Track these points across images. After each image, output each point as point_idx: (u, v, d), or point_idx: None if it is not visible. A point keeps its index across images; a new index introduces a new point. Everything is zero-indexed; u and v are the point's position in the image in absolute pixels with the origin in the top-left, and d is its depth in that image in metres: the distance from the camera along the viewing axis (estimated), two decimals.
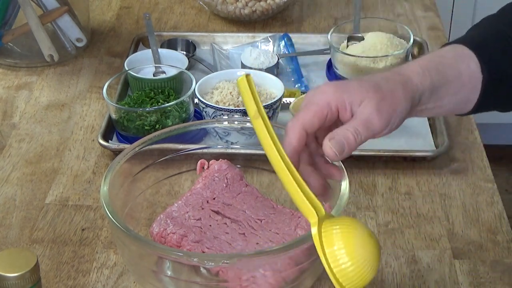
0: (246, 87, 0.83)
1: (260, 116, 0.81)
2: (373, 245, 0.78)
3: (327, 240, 0.77)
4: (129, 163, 1.04)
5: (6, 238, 1.12)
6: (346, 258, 0.76)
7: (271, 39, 1.54)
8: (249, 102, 0.82)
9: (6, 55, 1.54)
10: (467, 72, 0.89)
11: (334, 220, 0.79)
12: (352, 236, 0.77)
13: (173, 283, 0.95)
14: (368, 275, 0.77)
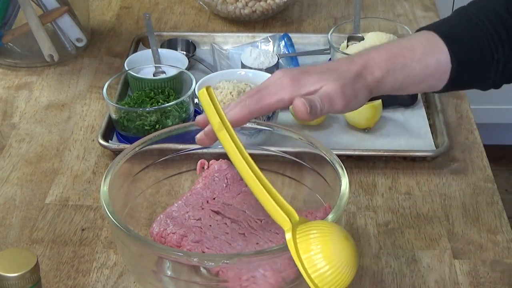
0: (207, 99, 0.83)
1: (225, 128, 0.81)
2: (350, 248, 0.77)
3: (303, 246, 0.76)
4: (129, 163, 1.04)
5: (6, 238, 1.12)
6: (323, 262, 0.76)
7: (271, 39, 1.54)
8: (212, 114, 0.82)
9: (6, 55, 1.54)
10: (435, 65, 0.92)
11: (309, 224, 0.78)
12: (329, 240, 0.77)
13: (173, 283, 0.95)
14: (347, 279, 0.77)
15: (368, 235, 1.11)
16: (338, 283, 0.76)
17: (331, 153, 1.02)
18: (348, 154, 1.23)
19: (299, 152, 1.09)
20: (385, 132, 1.31)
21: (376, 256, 1.08)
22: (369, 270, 1.05)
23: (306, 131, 1.28)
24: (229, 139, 0.80)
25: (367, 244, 1.10)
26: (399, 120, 1.34)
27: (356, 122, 1.30)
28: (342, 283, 0.77)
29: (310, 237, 0.77)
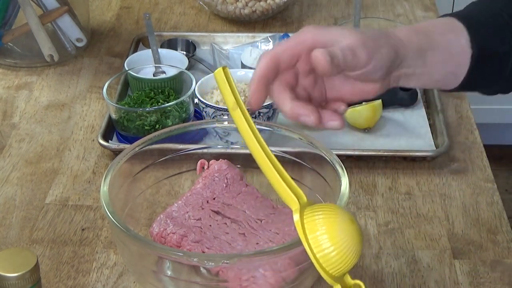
0: (223, 79, 0.83)
1: (239, 107, 0.81)
2: (355, 230, 0.79)
3: (310, 227, 0.78)
4: (129, 163, 1.04)
5: (6, 238, 1.12)
6: (328, 243, 0.77)
7: (271, 39, 1.54)
8: (227, 94, 0.82)
9: (6, 55, 1.54)
10: (456, 43, 0.88)
11: (315, 206, 0.79)
12: (334, 222, 0.78)
13: (173, 283, 0.95)
14: (351, 260, 0.78)
15: (368, 235, 1.11)
16: (343, 264, 0.78)
17: (331, 153, 1.02)
18: (348, 154, 1.23)
19: (299, 152, 1.09)
20: (385, 132, 1.31)
21: (376, 256, 1.08)
22: (369, 270, 1.05)
23: (306, 131, 1.28)
24: (242, 118, 0.81)
25: (367, 244, 1.10)
26: (399, 120, 1.34)
27: (356, 122, 1.30)
28: (347, 264, 0.78)
29: (316, 218, 0.78)
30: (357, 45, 0.81)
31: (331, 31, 0.83)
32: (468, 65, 0.89)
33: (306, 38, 0.82)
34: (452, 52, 0.88)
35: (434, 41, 0.87)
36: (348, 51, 0.81)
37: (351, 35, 0.82)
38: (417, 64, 0.87)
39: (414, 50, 0.86)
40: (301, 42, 0.82)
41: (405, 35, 0.86)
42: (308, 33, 0.83)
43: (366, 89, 0.86)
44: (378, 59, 0.82)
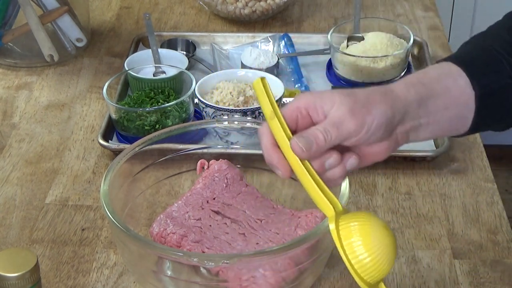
0: (261, 89, 0.85)
1: (276, 117, 0.82)
2: (389, 238, 0.80)
3: (344, 234, 0.79)
4: (129, 163, 1.04)
5: (6, 238, 1.12)
6: (363, 250, 0.78)
7: (271, 39, 1.54)
8: (265, 103, 0.84)
9: (6, 55, 1.54)
10: (455, 87, 0.87)
11: (350, 214, 0.81)
12: (369, 229, 0.79)
13: (173, 283, 0.95)
14: (386, 267, 0.79)
15: None
16: (378, 271, 0.79)
17: None
18: None
19: None
20: None
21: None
22: None
23: None
24: (280, 128, 0.82)
25: None
26: None
27: None
28: (382, 270, 0.79)
29: (351, 225, 0.79)
30: (344, 115, 0.82)
31: (322, 98, 0.84)
32: (474, 106, 0.88)
33: (299, 105, 0.84)
34: (453, 96, 0.87)
35: (432, 89, 0.86)
36: (331, 127, 0.82)
37: (340, 104, 0.82)
38: (420, 115, 0.86)
39: (413, 102, 0.85)
40: (295, 108, 0.84)
41: (401, 89, 0.86)
42: (301, 101, 0.85)
43: (374, 151, 0.85)
44: (370, 122, 0.82)
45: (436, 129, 0.88)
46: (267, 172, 1.12)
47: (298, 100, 0.85)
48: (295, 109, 0.84)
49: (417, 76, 0.88)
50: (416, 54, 1.51)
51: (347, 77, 1.42)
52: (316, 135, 0.82)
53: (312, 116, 0.84)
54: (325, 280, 1.04)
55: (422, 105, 0.86)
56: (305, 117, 0.84)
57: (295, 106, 0.84)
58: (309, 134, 0.82)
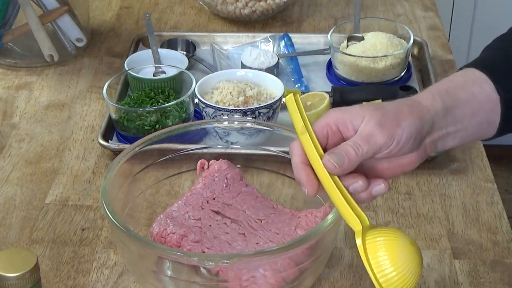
0: (293, 104, 0.86)
1: (307, 132, 0.83)
2: (415, 253, 0.80)
3: (371, 249, 0.80)
4: (129, 163, 1.04)
5: (6, 238, 1.12)
6: (389, 265, 0.79)
7: (271, 39, 1.54)
8: (297, 118, 0.85)
9: (6, 55, 1.54)
10: (481, 93, 0.88)
11: (377, 230, 0.82)
12: (395, 245, 0.80)
13: (173, 283, 0.95)
14: (412, 282, 0.80)
15: None
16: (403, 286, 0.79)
17: None
18: None
19: None
20: None
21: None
22: None
23: None
24: (310, 142, 0.83)
25: None
26: None
27: None
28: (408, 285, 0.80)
29: (378, 241, 0.80)
30: (373, 129, 0.83)
31: (351, 113, 0.85)
32: (500, 110, 0.88)
33: (329, 121, 0.85)
34: (479, 102, 0.87)
35: (458, 97, 0.87)
36: (362, 141, 0.82)
37: (370, 118, 0.83)
38: (448, 123, 0.86)
39: (440, 111, 0.86)
40: (325, 125, 0.85)
41: (428, 99, 0.86)
42: (330, 117, 0.85)
43: (404, 162, 0.86)
44: (400, 134, 0.83)
45: (464, 136, 0.88)
46: (267, 172, 1.12)
47: (327, 116, 0.85)
48: (325, 125, 0.85)
49: (442, 85, 0.88)
50: (416, 54, 1.51)
51: (347, 77, 1.42)
52: (348, 150, 0.82)
53: (343, 132, 0.84)
54: (325, 280, 1.04)
55: (449, 113, 0.86)
56: (336, 133, 0.85)
57: (325, 122, 0.85)
58: (340, 150, 0.82)
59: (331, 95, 1.35)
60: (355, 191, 0.83)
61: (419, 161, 0.87)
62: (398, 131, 0.83)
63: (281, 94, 1.27)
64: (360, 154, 0.82)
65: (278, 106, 1.27)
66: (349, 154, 0.82)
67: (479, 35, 2.52)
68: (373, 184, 0.84)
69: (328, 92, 1.35)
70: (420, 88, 1.41)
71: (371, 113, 0.84)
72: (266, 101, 1.28)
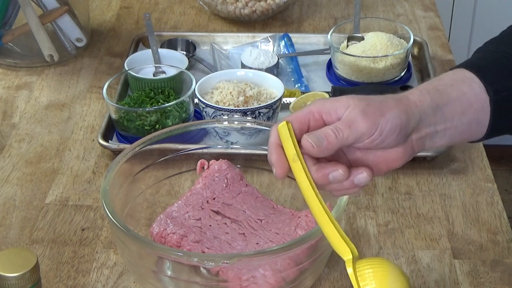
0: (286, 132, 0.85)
1: (299, 160, 0.83)
2: (405, 283, 0.81)
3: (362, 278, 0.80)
4: (129, 163, 1.04)
5: (6, 238, 1.12)
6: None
7: (271, 39, 1.54)
8: (289, 146, 0.84)
9: (6, 55, 1.54)
10: (470, 92, 0.87)
11: (366, 260, 0.82)
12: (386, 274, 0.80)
13: (173, 283, 0.95)
14: None
15: (368, 235, 1.11)
16: None
17: None
18: None
19: None
20: None
21: (376, 256, 1.08)
22: None
23: None
24: (302, 170, 0.83)
25: (367, 244, 1.10)
26: None
27: None
28: None
29: (367, 271, 0.80)
30: (356, 116, 0.82)
31: (336, 102, 0.84)
32: (489, 111, 0.88)
33: (312, 108, 0.84)
34: (469, 101, 0.87)
35: (447, 94, 0.87)
36: (344, 126, 0.82)
37: (354, 106, 0.83)
38: (436, 121, 0.86)
39: (429, 108, 0.85)
40: (308, 112, 0.84)
41: (416, 95, 0.86)
42: (315, 105, 0.85)
43: (390, 157, 0.85)
44: (384, 124, 0.82)
45: (453, 135, 0.88)
46: (267, 172, 1.12)
47: (311, 105, 0.85)
48: (308, 113, 0.84)
49: (432, 83, 0.88)
50: (416, 54, 1.51)
51: (347, 77, 1.42)
52: (328, 133, 0.82)
53: (326, 120, 0.84)
54: (325, 280, 1.04)
55: (438, 111, 0.86)
56: (318, 121, 0.84)
57: (308, 110, 0.85)
58: (320, 132, 0.82)
59: (331, 95, 1.35)
60: (334, 179, 0.82)
61: (405, 158, 0.86)
62: (382, 120, 0.82)
63: (281, 94, 1.27)
64: (340, 138, 0.81)
65: (278, 106, 1.27)
66: (329, 137, 0.81)
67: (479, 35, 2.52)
68: (354, 173, 0.83)
69: (328, 92, 1.35)
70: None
71: (356, 102, 0.83)
72: (266, 101, 1.28)
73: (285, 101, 1.33)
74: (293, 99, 1.35)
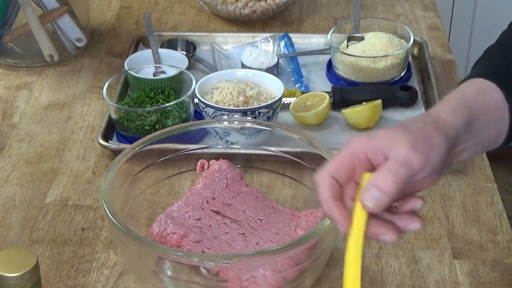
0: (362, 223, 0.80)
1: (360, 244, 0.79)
2: None
3: None
4: (129, 163, 1.04)
5: (6, 238, 1.12)
6: None
7: (271, 39, 1.54)
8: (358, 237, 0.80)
9: (6, 55, 1.54)
10: (493, 103, 0.86)
11: None
12: None
13: (173, 283, 0.95)
14: None
15: None
16: None
17: (331, 153, 1.02)
18: None
19: (299, 152, 1.09)
20: None
21: (376, 256, 1.08)
22: (369, 270, 1.05)
23: (306, 131, 1.28)
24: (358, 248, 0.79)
25: (367, 244, 1.09)
26: (399, 120, 1.34)
27: (356, 122, 1.30)
28: None
29: None
30: (408, 153, 0.79)
31: (380, 138, 0.81)
32: (508, 119, 0.87)
33: (356, 150, 0.81)
34: (492, 113, 0.86)
35: (475, 110, 0.85)
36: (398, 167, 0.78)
37: (401, 143, 0.79)
38: (466, 138, 0.84)
39: (462, 126, 0.83)
40: (352, 155, 0.81)
41: (449, 115, 0.83)
42: (357, 145, 0.81)
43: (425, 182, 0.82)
44: (434, 157, 0.80)
45: (477, 149, 0.86)
46: (267, 172, 1.12)
47: (353, 145, 0.82)
48: (352, 154, 0.81)
49: (457, 98, 0.86)
50: (416, 54, 1.51)
51: (347, 77, 1.42)
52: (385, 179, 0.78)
53: (372, 160, 0.81)
54: (325, 280, 1.04)
55: (468, 129, 0.84)
56: (363, 161, 0.81)
57: (350, 151, 0.81)
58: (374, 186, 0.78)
59: (331, 95, 1.35)
60: (383, 241, 0.79)
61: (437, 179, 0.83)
62: (432, 153, 0.79)
63: (281, 94, 1.27)
64: (398, 181, 0.78)
65: (278, 106, 1.27)
66: (386, 187, 0.78)
67: (479, 35, 2.52)
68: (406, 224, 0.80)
69: (328, 92, 1.35)
70: (420, 88, 1.41)
71: (401, 136, 0.80)
72: (266, 101, 1.28)
73: (285, 101, 1.33)
74: (293, 99, 1.35)
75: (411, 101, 1.36)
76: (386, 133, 0.81)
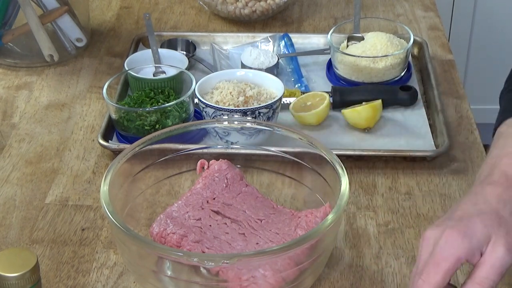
0: None
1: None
2: None
3: None
4: (129, 163, 1.04)
5: (6, 238, 1.12)
6: None
7: (271, 39, 1.54)
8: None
9: (6, 55, 1.54)
10: None
11: None
12: None
13: (173, 283, 0.95)
14: None
15: (368, 235, 1.11)
16: None
17: (331, 153, 1.02)
18: (348, 154, 1.23)
19: (299, 152, 1.09)
20: (385, 132, 1.31)
21: (376, 256, 1.08)
22: (369, 270, 1.05)
23: (306, 131, 1.28)
24: None
25: (367, 244, 1.10)
26: (399, 120, 1.34)
27: (356, 122, 1.30)
28: None
29: None
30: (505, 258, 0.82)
31: (478, 239, 0.83)
32: None
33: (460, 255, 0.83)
34: None
35: None
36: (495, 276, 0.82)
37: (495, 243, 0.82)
38: None
39: None
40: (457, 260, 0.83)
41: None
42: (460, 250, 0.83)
43: None
44: None
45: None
46: (267, 172, 1.12)
47: (454, 247, 0.84)
48: (456, 261, 0.83)
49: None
50: (416, 54, 1.51)
51: (347, 77, 1.42)
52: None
53: (470, 260, 0.84)
54: (325, 280, 1.04)
55: None
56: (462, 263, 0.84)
57: (455, 257, 0.83)
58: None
59: (331, 95, 1.35)
60: None
61: None
62: None
63: (281, 94, 1.27)
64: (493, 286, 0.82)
65: (278, 106, 1.27)
66: None
67: (479, 35, 2.52)
68: None
69: (328, 92, 1.35)
70: (420, 88, 1.41)
71: (496, 232, 0.83)
72: (266, 101, 1.28)
73: (285, 101, 1.33)
74: (293, 99, 1.35)
75: (411, 101, 1.36)
76: (482, 228, 0.83)
